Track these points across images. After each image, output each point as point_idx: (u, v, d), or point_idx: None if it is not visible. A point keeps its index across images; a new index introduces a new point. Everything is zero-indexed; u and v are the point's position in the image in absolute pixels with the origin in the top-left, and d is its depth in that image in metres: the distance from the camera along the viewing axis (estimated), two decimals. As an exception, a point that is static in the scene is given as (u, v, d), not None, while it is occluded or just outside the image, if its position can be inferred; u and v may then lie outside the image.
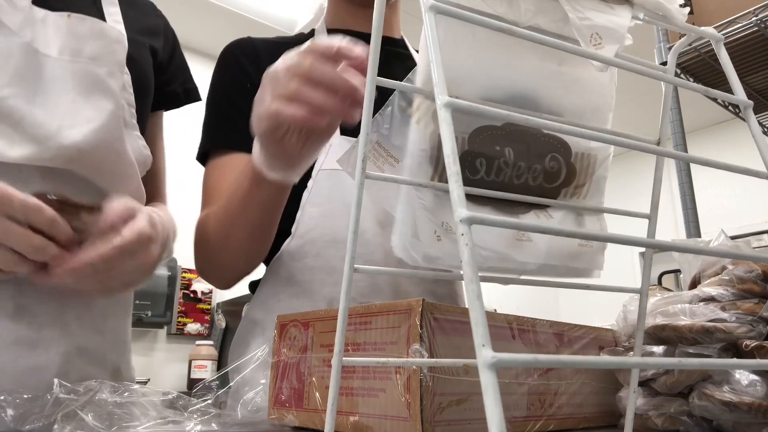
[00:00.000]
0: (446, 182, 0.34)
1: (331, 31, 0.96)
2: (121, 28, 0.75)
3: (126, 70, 0.74)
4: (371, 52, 0.31)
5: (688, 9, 0.33)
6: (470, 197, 0.36)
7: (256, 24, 3.61)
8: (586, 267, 0.40)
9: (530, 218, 0.38)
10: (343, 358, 0.32)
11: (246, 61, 0.89)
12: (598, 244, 0.40)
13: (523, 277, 0.39)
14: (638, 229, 0.51)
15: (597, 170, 0.40)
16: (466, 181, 0.36)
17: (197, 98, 0.92)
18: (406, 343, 0.45)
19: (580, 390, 0.58)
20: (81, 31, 0.69)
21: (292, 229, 0.83)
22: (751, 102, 0.32)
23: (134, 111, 0.76)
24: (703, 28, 0.35)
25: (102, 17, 0.74)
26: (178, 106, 0.90)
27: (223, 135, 0.87)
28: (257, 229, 0.75)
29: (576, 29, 0.30)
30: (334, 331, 0.53)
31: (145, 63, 0.80)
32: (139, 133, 0.77)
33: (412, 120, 0.36)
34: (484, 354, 0.18)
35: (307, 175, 0.82)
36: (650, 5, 0.33)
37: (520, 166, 0.37)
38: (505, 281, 0.37)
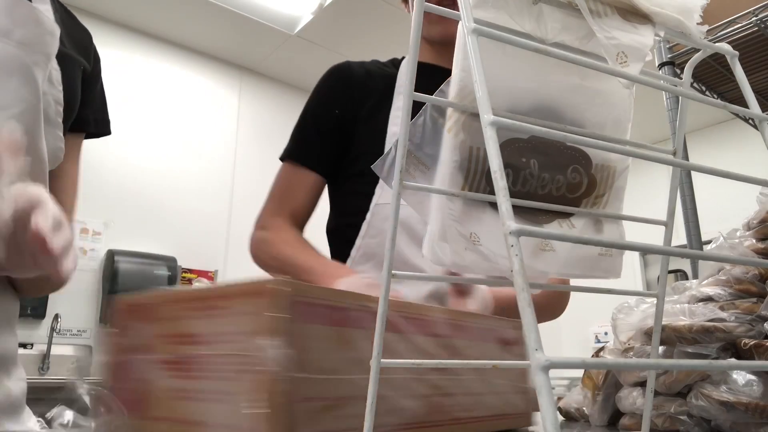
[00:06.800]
0: (477, 191, 0.36)
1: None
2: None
3: (56, 65, 0.70)
4: (408, 70, 0.32)
5: (706, 27, 0.34)
6: (496, 206, 0.37)
7: (257, 24, 3.60)
8: (604, 274, 0.41)
9: (553, 227, 0.39)
10: (382, 360, 0.31)
11: (339, 86, 1.02)
12: (617, 251, 0.41)
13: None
14: (638, 232, 0.51)
15: (616, 181, 0.41)
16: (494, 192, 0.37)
17: (106, 131, 0.87)
18: (261, 334, 0.35)
19: (481, 390, 0.53)
20: (17, 13, 0.65)
21: (351, 253, 0.97)
22: (766, 116, 0.33)
23: (61, 110, 0.71)
24: (718, 44, 0.36)
25: None
26: (87, 134, 0.84)
27: (299, 151, 1.03)
28: None
29: (604, 48, 0.32)
30: (177, 319, 0.41)
31: (75, 81, 0.76)
32: (61, 134, 0.72)
33: (444, 129, 0.37)
34: (538, 357, 0.19)
35: (365, 209, 0.97)
36: (671, 23, 0.34)
37: (544, 177, 0.38)
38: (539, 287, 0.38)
